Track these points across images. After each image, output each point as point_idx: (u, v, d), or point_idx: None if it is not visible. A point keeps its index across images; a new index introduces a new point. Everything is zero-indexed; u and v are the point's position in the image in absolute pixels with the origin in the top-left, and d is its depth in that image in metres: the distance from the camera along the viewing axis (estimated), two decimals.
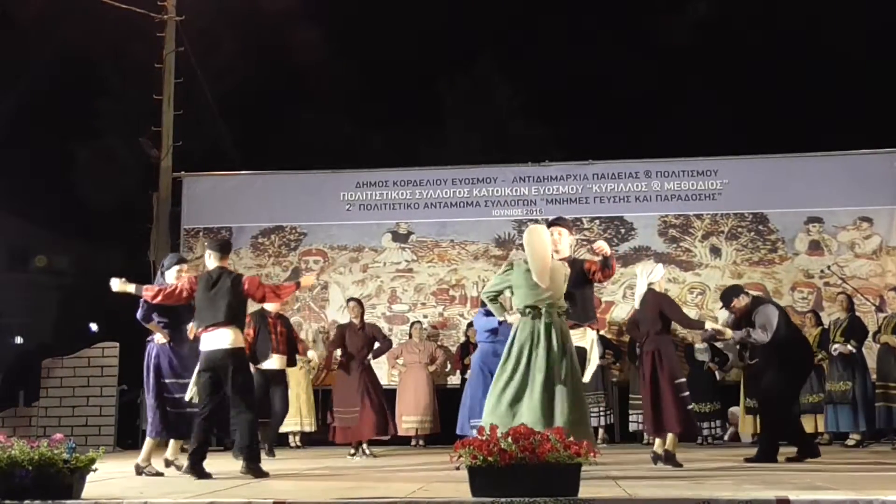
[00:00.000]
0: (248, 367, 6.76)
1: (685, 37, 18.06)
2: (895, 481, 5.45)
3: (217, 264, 6.67)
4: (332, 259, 11.94)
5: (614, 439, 10.98)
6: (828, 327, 9.99)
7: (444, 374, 11.37)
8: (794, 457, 7.32)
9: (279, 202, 12.12)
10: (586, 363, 6.44)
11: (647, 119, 18.37)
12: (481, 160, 14.36)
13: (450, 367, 11.30)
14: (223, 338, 6.43)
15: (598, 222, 11.61)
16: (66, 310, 19.85)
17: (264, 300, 7.15)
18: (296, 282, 7.26)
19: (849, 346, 9.57)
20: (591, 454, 4.51)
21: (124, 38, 14.93)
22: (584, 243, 11.41)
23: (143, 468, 6.71)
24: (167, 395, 6.78)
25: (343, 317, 10.56)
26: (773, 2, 18.43)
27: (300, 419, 10.78)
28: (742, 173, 11.62)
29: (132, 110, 16.11)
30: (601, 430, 10.39)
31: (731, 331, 7.56)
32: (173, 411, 6.76)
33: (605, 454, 6.53)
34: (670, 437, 7.03)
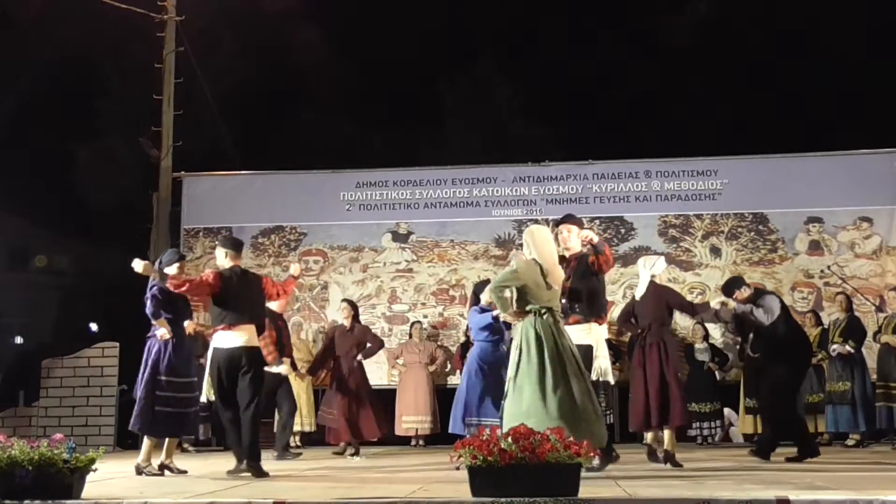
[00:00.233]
0: (262, 365, 6.83)
1: (685, 37, 18.06)
2: (895, 481, 5.45)
3: (232, 263, 6.75)
4: (332, 259, 11.94)
5: (614, 439, 10.96)
6: (827, 327, 10.00)
7: (444, 374, 11.37)
8: (793, 456, 7.31)
9: (279, 202, 12.12)
10: (592, 360, 6.36)
11: (647, 119, 18.37)
12: (481, 160, 14.36)
13: (450, 367, 11.30)
14: (245, 336, 6.54)
15: (598, 222, 11.60)
16: (66, 310, 19.84)
17: (273, 298, 7.27)
18: (290, 275, 7.47)
19: (847, 347, 9.57)
20: (591, 454, 4.51)
21: (124, 38, 14.92)
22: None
23: (144, 468, 6.73)
24: (160, 393, 6.74)
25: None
26: (773, 2, 18.43)
27: (300, 419, 10.75)
28: (742, 173, 11.61)
29: (132, 110, 16.10)
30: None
31: (735, 303, 7.47)
32: (163, 409, 6.74)
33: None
34: (669, 435, 7.03)
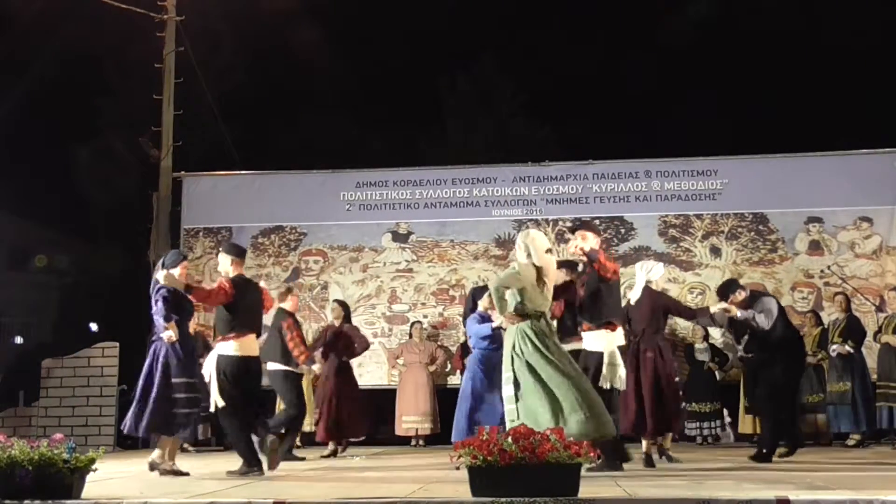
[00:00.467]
0: (260, 374, 7.07)
1: (685, 37, 18.08)
2: (895, 481, 5.45)
3: (238, 270, 6.83)
4: (332, 259, 11.93)
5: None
6: (827, 327, 10.00)
7: (444, 374, 11.37)
8: (785, 452, 7.32)
9: (279, 202, 12.11)
10: (602, 367, 6.32)
11: (647, 119, 18.39)
12: (481, 160, 14.36)
13: (450, 367, 11.30)
14: (253, 345, 6.75)
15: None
16: (66, 310, 19.82)
17: (267, 309, 7.41)
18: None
19: (847, 347, 9.57)
20: (591, 454, 4.52)
21: (124, 38, 14.93)
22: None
23: (159, 465, 6.68)
24: (177, 395, 6.65)
25: None
26: (772, 2, 18.45)
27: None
28: (742, 173, 11.60)
29: (132, 110, 16.10)
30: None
31: (738, 310, 7.43)
32: (181, 411, 6.67)
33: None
34: (667, 437, 7.04)
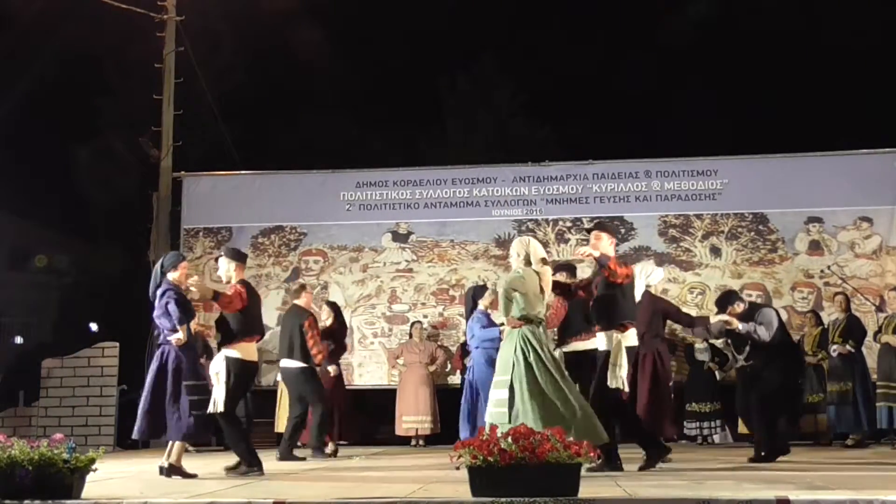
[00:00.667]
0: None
1: (685, 37, 18.09)
2: (895, 481, 5.45)
3: (241, 276, 6.90)
4: (332, 259, 11.93)
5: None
6: (827, 327, 9.99)
7: (444, 374, 11.36)
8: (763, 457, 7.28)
9: (279, 202, 12.11)
10: (608, 366, 6.38)
11: (647, 119, 18.40)
12: (481, 160, 14.36)
13: (450, 367, 11.30)
14: (255, 349, 6.85)
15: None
16: (66, 310, 19.82)
17: None
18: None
19: (847, 347, 9.57)
20: (591, 454, 4.52)
21: (124, 38, 14.94)
22: (585, 243, 11.39)
23: (174, 469, 6.52)
24: (192, 398, 6.58)
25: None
26: (772, 2, 18.45)
27: None
28: (742, 173, 11.60)
29: (132, 110, 16.10)
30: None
31: (739, 322, 7.45)
32: (200, 414, 6.60)
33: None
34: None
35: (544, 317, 6.31)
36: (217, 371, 6.67)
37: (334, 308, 9.88)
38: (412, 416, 10.83)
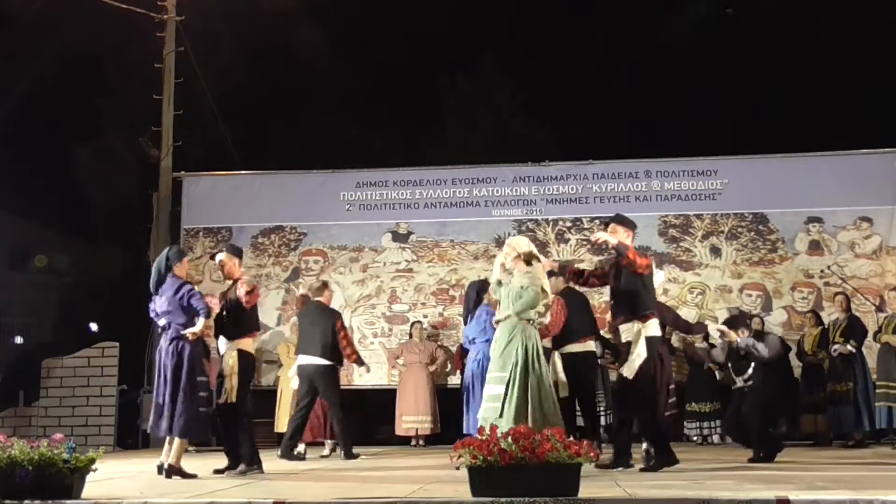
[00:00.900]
0: None
1: (685, 37, 18.07)
2: (895, 481, 5.45)
3: (240, 272, 7.08)
4: (332, 259, 11.93)
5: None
6: (827, 327, 9.99)
7: (444, 374, 11.37)
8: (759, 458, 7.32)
9: (279, 202, 12.11)
10: (635, 357, 6.46)
11: (647, 119, 18.38)
12: (481, 160, 14.36)
13: (450, 367, 11.30)
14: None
15: (598, 222, 11.57)
16: (66, 310, 19.81)
17: None
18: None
19: (848, 346, 9.57)
20: (591, 454, 4.53)
21: (124, 38, 14.92)
22: (585, 243, 11.42)
23: (175, 471, 6.47)
24: (202, 394, 6.57)
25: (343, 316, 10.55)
26: (772, 2, 18.43)
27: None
28: (742, 173, 11.61)
29: (132, 110, 16.10)
30: (601, 430, 10.37)
31: (737, 336, 7.54)
32: (207, 410, 6.63)
33: (604, 454, 6.57)
34: None
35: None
36: (231, 363, 6.78)
37: None
38: (412, 416, 10.83)
